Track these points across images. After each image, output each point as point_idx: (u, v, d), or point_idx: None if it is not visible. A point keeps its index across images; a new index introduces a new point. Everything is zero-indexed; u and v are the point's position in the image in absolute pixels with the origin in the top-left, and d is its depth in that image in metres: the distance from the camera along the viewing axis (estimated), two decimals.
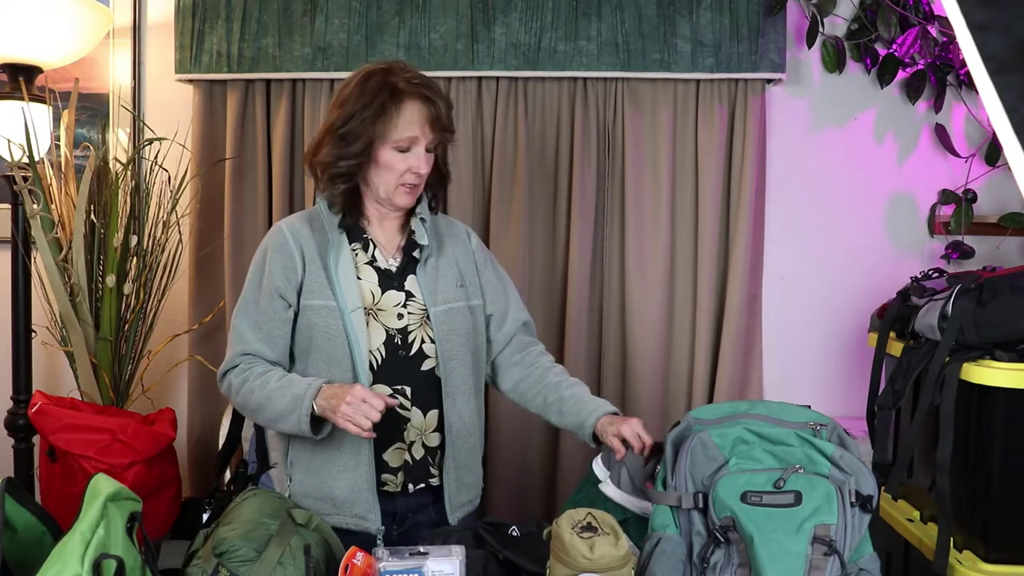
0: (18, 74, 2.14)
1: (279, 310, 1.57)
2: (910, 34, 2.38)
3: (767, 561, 1.19)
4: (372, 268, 1.60)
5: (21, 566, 1.14)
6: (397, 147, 1.55)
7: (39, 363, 2.40)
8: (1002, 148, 1.40)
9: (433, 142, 1.57)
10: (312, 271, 1.56)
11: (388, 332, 1.56)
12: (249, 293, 1.60)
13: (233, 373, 1.58)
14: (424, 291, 1.60)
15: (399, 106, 1.53)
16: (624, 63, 2.38)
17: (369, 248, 1.61)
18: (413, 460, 1.59)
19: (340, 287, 1.54)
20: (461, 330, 1.62)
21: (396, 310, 1.58)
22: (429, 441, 1.60)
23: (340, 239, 1.58)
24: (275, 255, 1.58)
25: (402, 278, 1.61)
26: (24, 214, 2.17)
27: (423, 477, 1.60)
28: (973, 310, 1.59)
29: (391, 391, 1.56)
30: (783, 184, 2.53)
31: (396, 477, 1.58)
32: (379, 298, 1.58)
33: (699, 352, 2.45)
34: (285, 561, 1.24)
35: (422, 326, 1.59)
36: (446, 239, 1.68)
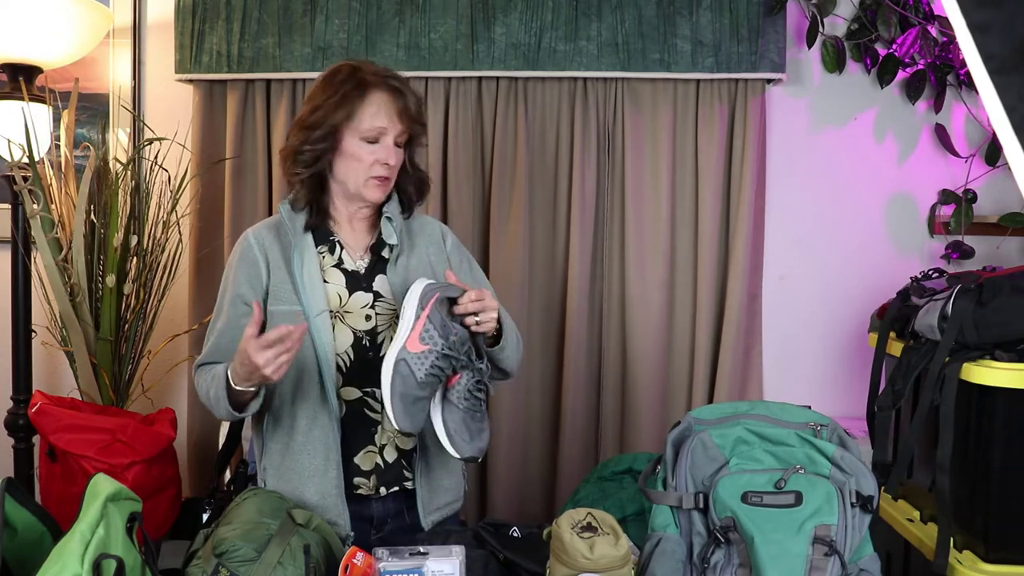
0: (18, 74, 2.14)
1: (239, 316, 1.54)
2: (910, 34, 2.38)
3: (767, 561, 1.19)
4: (339, 270, 1.57)
5: (21, 566, 1.14)
6: (365, 138, 1.53)
7: (39, 363, 2.40)
8: (1002, 148, 1.40)
9: (402, 134, 1.55)
10: (277, 276, 1.55)
11: (356, 334, 1.54)
12: (220, 300, 1.60)
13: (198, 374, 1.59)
14: (395, 291, 1.57)
15: (365, 96, 1.52)
16: (624, 63, 2.38)
17: (336, 250, 1.58)
18: (385, 463, 1.56)
19: (305, 291, 1.52)
20: None
21: (364, 311, 1.55)
22: (403, 444, 1.57)
23: (304, 242, 1.56)
24: (240, 263, 1.58)
25: (370, 279, 1.58)
26: (24, 214, 2.17)
27: (396, 480, 1.57)
28: (973, 310, 1.59)
29: (360, 393, 1.54)
30: (783, 184, 2.53)
31: (369, 480, 1.56)
32: (346, 300, 1.55)
33: (699, 352, 2.45)
34: (285, 561, 1.24)
35: (391, 327, 1.55)
36: (417, 237, 1.64)
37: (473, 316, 1.42)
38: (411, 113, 1.55)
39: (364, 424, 1.55)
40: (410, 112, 1.54)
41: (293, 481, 1.55)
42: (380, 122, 1.52)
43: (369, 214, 1.62)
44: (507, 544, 1.41)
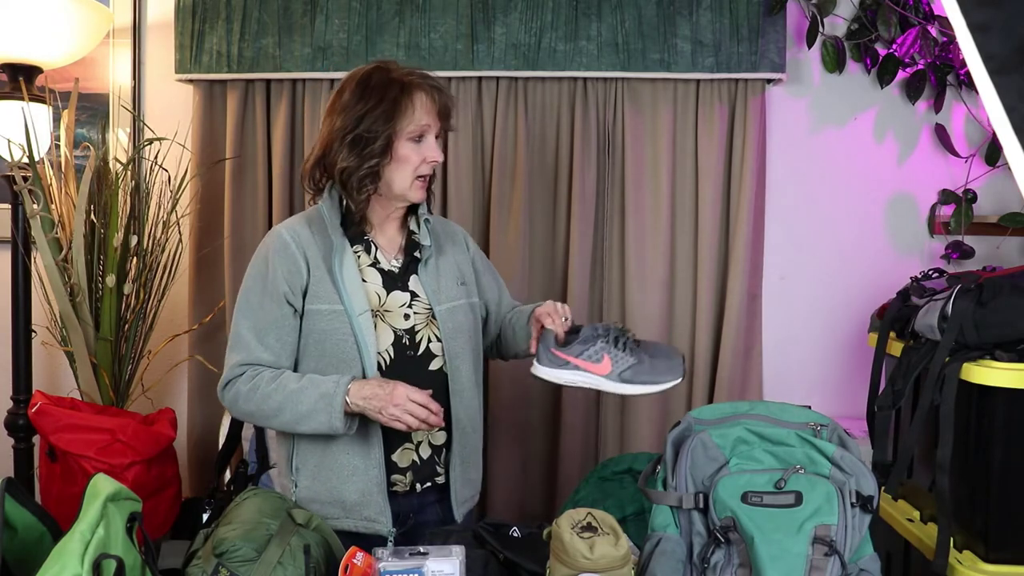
0: (18, 74, 2.14)
1: (287, 316, 1.55)
2: (910, 34, 2.38)
3: (767, 561, 1.19)
4: (376, 270, 1.60)
5: (21, 566, 1.14)
6: (411, 138, 1.55)
7: (39, 363, 2.40)
8: (1002, 148, 1.40)
9: (440, 131, 1.60)
10: (317, 275, 1.55)
11: (396, 333, 1.57)
12: (251, 298, 1.56)
13: (240, 382, 1.55)
14: (428, 290, 1.61)
15: (411, 98, 1.55)
16: (624, 63, 2.38)
17: (371, 250, 1.61)
18: (421, 460, 1.60)
19: (346, 291, 1.53)
20: (464, 327, 1.64)
21: (402, 310, 1.58)
22: (435, 440, 1.61)
23: (343, 242, 1.57)
24: (278, 260, 1.56)
25: (405, 278, 1.61)
26: (24, 214, 2.17)
27: (430, 476, 1.61)
28: (973, 310, 1.59)
29: None
30: (783, 184, 2.53)
31: (405, 477, 1.59)
32: (385, 299, 1.58)
33: (699, 352, 2.45)
34: (285, 561, 1.25)
35: (428, 325, 1.60)
36: (443, 239, 1.69)
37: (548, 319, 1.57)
38: (448, 111, 1.60)
39: None
40: (448, 109, 1.60)
41: (332, 480, 1.56)
42: (425, 120, 1.56)
43: (401, 215, 1.64)
44: (507, 544, 1.41)
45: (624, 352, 1.53)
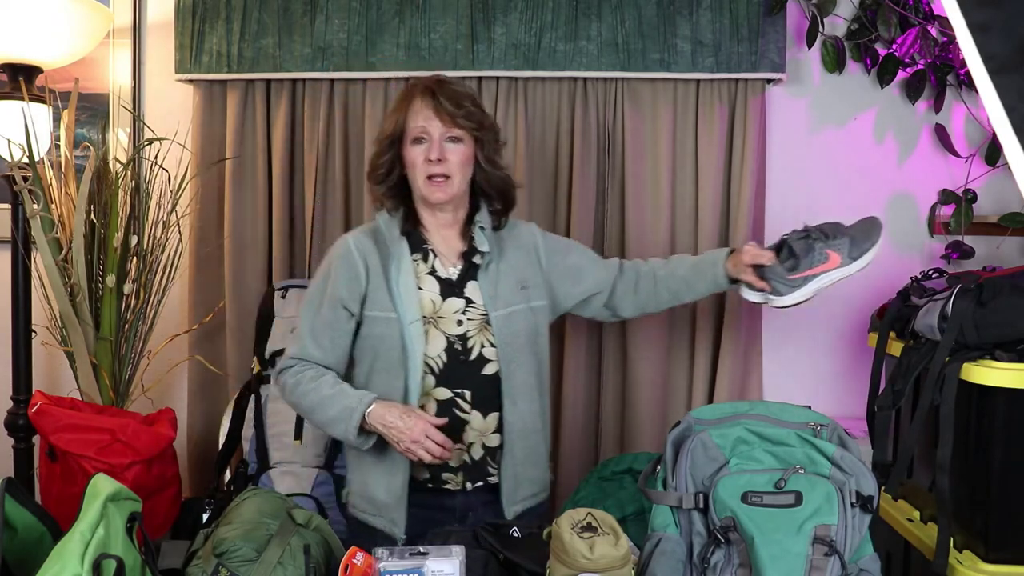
0: (18, 74, 2.14)
1: (341, 320, 1.65)
2: (910, 34, 2.38)
3: (768, 561, 1.19)
4: (433, 278, 1.67)
5: (21, 566, 1.14)
6: (412, 140, 1.64)
7: (39, 363, 2.40)
8: (1002, 148, 1.40)
9: (448, 131, 1.63)
10: (375, 284, 1.64)
11: (448, 339, 1.63)
12: (313, 298, 1.68)
13: (287, 374, 1.67)
14: (485, 296, 1.66)
15: (409, 102, 1.65)
16: (624, 63, 2.38)
17: (429, 258, 1.68)
18: (472, 460, 1.66)
19: (400, 299, 1.61)
20: (522, 332, 1.68)
21: (456, 317, 1.65)
22: (489, 442, 1.67)
23: (401, 250, 1.65)
24: (340, 267, 1.66)
25: (462, 285, 1.67)
26: (24, 214, 2.17)
27: (481, 476, 1.67)
28: (973, 310, 1.59)
29: (452, 394, 1.64)
30: (783, 184, 2.53)
31: (457, 476, 1.65)
32: (440, 306, 1.65)
33: (699, 352, 2.45)
34: (285, 561, 1.25)
35: (481, 331, 1.65)
36: (507, 244, 1.74)
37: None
38: (448, 109, 1.62)
39: (455, 423, 1.63)
40: (446, 108, 1.62)
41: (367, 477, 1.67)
42: (419, 121, 1.63)
43: (452, 221, 1.71)
44: (507, 544, 1.41)
45: (835, 239, 1.69)
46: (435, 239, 1.70)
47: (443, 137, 1.63)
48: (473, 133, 1.66)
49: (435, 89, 1.63)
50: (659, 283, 1.82)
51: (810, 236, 1.70)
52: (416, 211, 1.70)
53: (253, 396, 2.24)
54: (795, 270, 1.67)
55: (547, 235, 1.83)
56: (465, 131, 1.64)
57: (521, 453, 1.68)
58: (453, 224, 1.71)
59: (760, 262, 1.69)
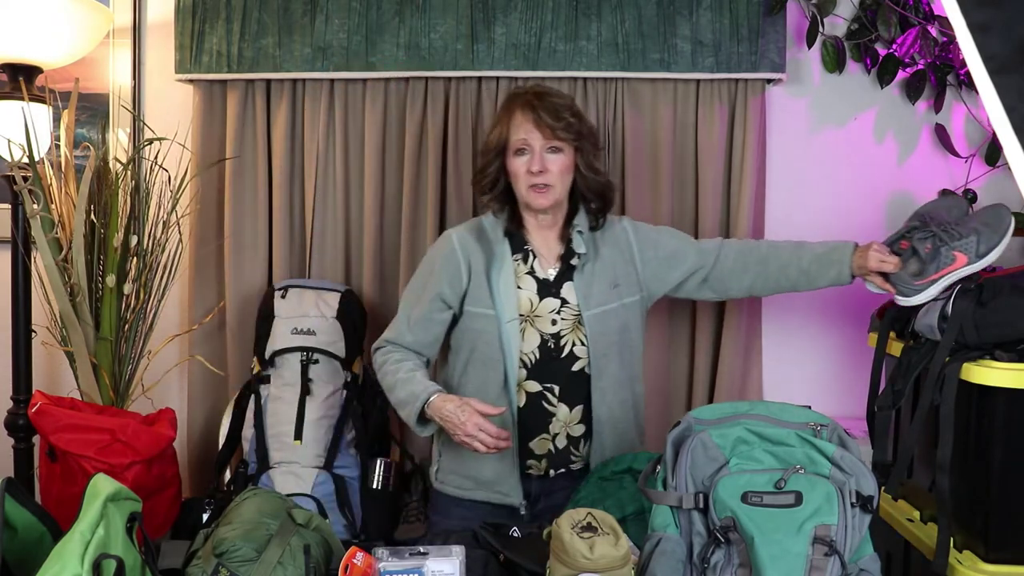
0: (18, 74, 2.14)
1: (436, 311, 1.78)
2: (910, 34, 2.38)
3: (767, 561, 1.19)
4: (532, 277, 1.78)
5: (21, 566, 1.14)
6: (515, 151, 1.75)
7: (39, 363, 2.40)
8: (1002, 148, 1.40)
9: (548, 142, 1.73)
10: (476, 282, 1.76)
11: (543, 337, 1.75)
12: (414, 288, 1.83)
13: (379, 353, 1.83)
14: (579, 296, 1.76)
15: (511, 115, 1.76)
16: (624, 63, 2.38)
17: (529, 259, 1.79)
18: (556, 449, 1.78)
19: (500, 298, 1.73)
20: (613, 329, 1.79)
21: (551, 316, 1.76)
22: (573, 432, 1.79)
23: (504, 251, 1.77)
24: (443, 265, 1.79)
25: (559, 286, 1.78)
26: (24, 214, 2.17)
27: (564, 463, 1.80)
28: (973, 310, 1.59)
29: (541, 388, 1.76)
30: (783, 184, 2.53)
31: (540, 463, 1.79)
32: (536, 306, 1.76)
33: (699, 352, 2.45)
34: (285, 561, 1.25)
35: (574, 330, 1.77)
36: (603, 245, 1.83)
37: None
38: (547, 122, 1.71)
39: (541, 414, 1.76)
40: (546, 121, 1.71)
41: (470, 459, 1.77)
42: (520, 134, 1.74)
43: (553, 224, 1.82)
44: (507, 544, 1.41)
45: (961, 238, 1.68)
46: (536, 241, 1.81)
47: (544, 148, 1.73)
48: (572, 144, 1.76)
49: (535, 103, 1.73)
50: (773, 267, 1.88)
51: (935, 235, 1.70)
52: (519, 214, 1.81)
53: (253, 396, 2.24)
54: (921, 275, 1.69)
55: (639, 228, 1.91)
56: (564, 142, 1.74)
57: (610, 441, 1.79)
58: (553, 226, 1.82)
59: (885, 270, 1.74)
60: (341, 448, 2.19)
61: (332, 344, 2.23)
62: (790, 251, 1.88)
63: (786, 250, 1.89)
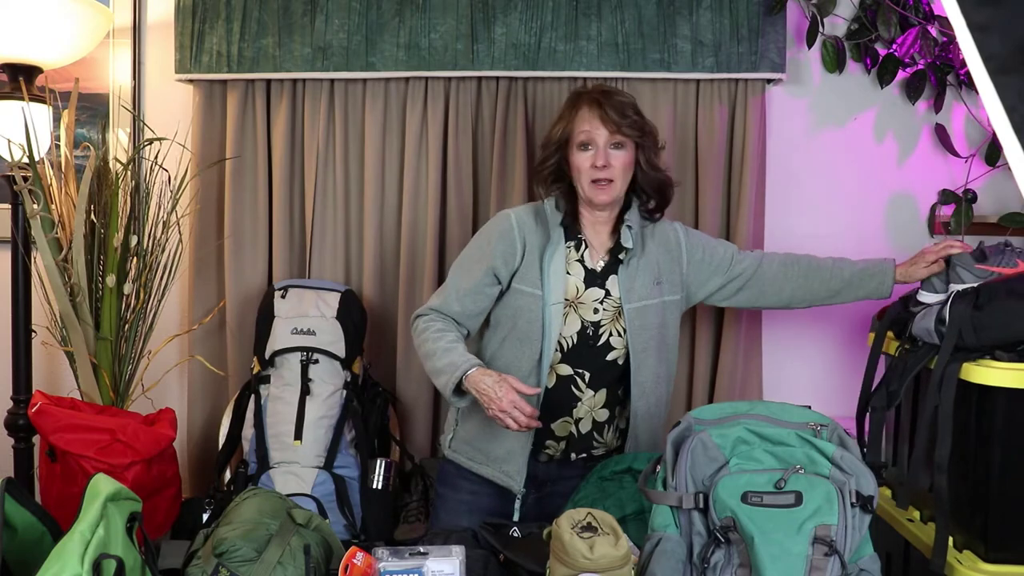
0: (18, 74, 2.14)
1: (486, 284, 1.81)
2: (910, 34, 2.38)
3: (768, 561, 1.19)
4: (581, 265, 1.82)
5: (21, 566, 1.14)
6: (578, 146, 1.78)
7: (39, 363, 2.40)
8: (1002, 148, 1.40)
9: (612, 138, 1.77)
10: (529, 261, 1.79)
11: (583, 323, 1.79)
12: (467, 260, 1.85)
13: (422, 320, 1.83)
14: (622, 289, 1.80)
15: (576, 110, 1.79)
16: (624, 63, 2.38)
17: (581, 247, 1.83)
18: (579, 433, 1.82)
19: (549, 281, 1.77)
20: (652, 325, 1.82)
21: (594, 305, 1.80)
22: (598, 416, 1.83)
23: (559, 237, 1.80)
24: (500, 239, 1.81)
25: (605, 277, 1.82)
26: (24, 214, 2.17)
27: (586, 448, 1.84)
28: (971, 314, 1.59)
29: (572, 372, 1.80)
30: (783, 184, 2.53)
31: (559, 444, 1.82)
32: (582, 292, 1.80)
33: (699, 352, 2.45)
34: (285, 561, 1.25)
35: (614, 321, 1.81)
36: (651, 242, 1.87)
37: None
38: (613, 118, 1.75)
39: (568, 398, 1.80)
40: (611, 117, 1.75)
41: (488, 432, 1.81)
42: (584, 127, 1.78)
43: (607, 219, 1.85)
44: (507, 544, 1.41)
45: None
46: (589, 232, 1.85)
47: (608, 144, 1.77)
48: (636, 140, 1.79)
49: (601, 99, 1.77)
50: (815, 278, 1.93)
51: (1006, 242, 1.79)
52: (576, 208, 1.84)
53: (253, 396, 2.24)
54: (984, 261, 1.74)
55: (691, 232, 1.96)
56: (628, 138, 1.78)
57: (644, 435, 1.82)
58: (608, 221, 1.85)
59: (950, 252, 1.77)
60: (341, 448, 2.19)
61: (332, 344, 2.23)
62: (831, 264, 1.95)
63: (827, 263, 1.95)
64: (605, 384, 1.82)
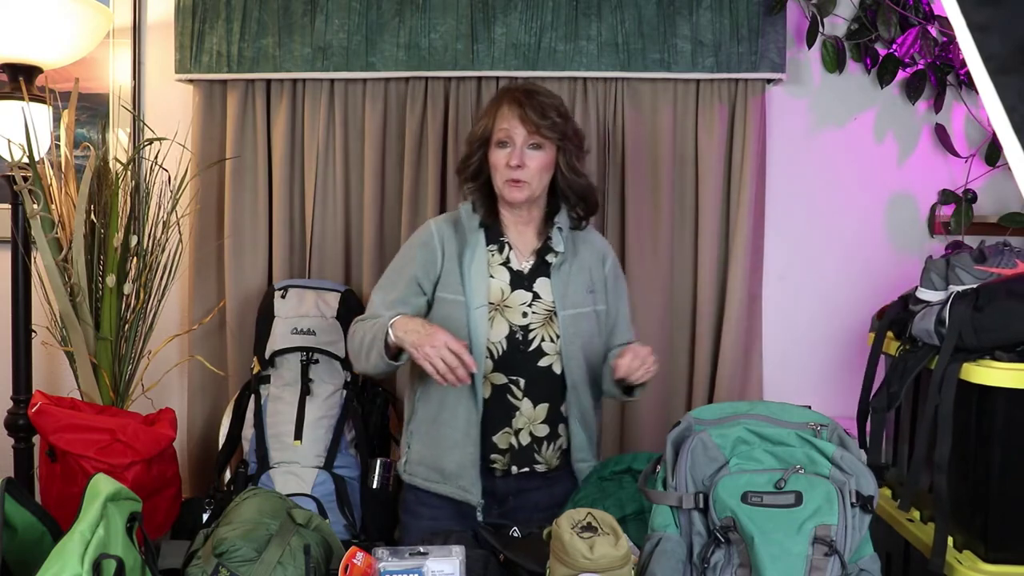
0: (18, 74, 2.14)
1: (411, 295, 1.76)
2: (910, 34, 2.38)
3: (768, 561, 1.19)
4: (505, 268, 1.77)
5: (21, 566, 1.14)
6: (496, 142, 1.74)
7: (39, 363, 2.40)
8: (1002, 148, 1.40)
9: (528, 139, 1.72)
10: (448, 268, 1.75)
11: (511, 328, 1.74)
12: (391, 275, 1.81)
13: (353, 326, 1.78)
14: (556, 294, 1.76)
15: (498, 108, 1.76)
16: (624, 63, 2.38)
17: (504, 250, 1.78)
18: (519, 445, 1.75)
19: (470, 285, 1.72)
20: (585, 332, 1.77)
21: (522, 308, 1.75)
22: (537, 431, 1.76)
23: (477, 239, 1.76)
24: (421, 249, 1.78)
25: (532, 280, 1.77)
26: (24, 214, 2.17)
27: (528, 462, 1.76)
28: (971, 315, 1.59)
29: (507, 380, 1.74)
30: (783, 184, 2.53)
31: (503, 458, 1.75)
32: (507, 295, 1.75)
33: (699, 352, 2.45)
34: (285, 561, 1.25)
35: (545, 325, 1.75)
36: (582, 248, 1.83)
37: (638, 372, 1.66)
38: (532, 118, 1.71)
39: (505, 408, 1.74)
40: (530, 117, 1.71)
41: (436, 449, 1.76)
42: (503, 125, 1.74)
43: (528, 219, 1.80)
44: (507, 544, 1.41)
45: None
46: (512, 234, 1.80)
47: (525, 143, 1.72)
48: (555, 143, 1.75)
49: (523, 98, 1.73)
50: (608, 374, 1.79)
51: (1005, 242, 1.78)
52: (498, 207, 1.80)
53: (253, 396, 2.24)
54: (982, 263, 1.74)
55: (619, 267, 1.91)
56: (548, 140, 1.74)
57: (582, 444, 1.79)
58: (529, 222, 1.81)
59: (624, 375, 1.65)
60: (341, 448, 2.19)
61: (332, 344, 2.23)
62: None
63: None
64: (545, 397, 1.75)
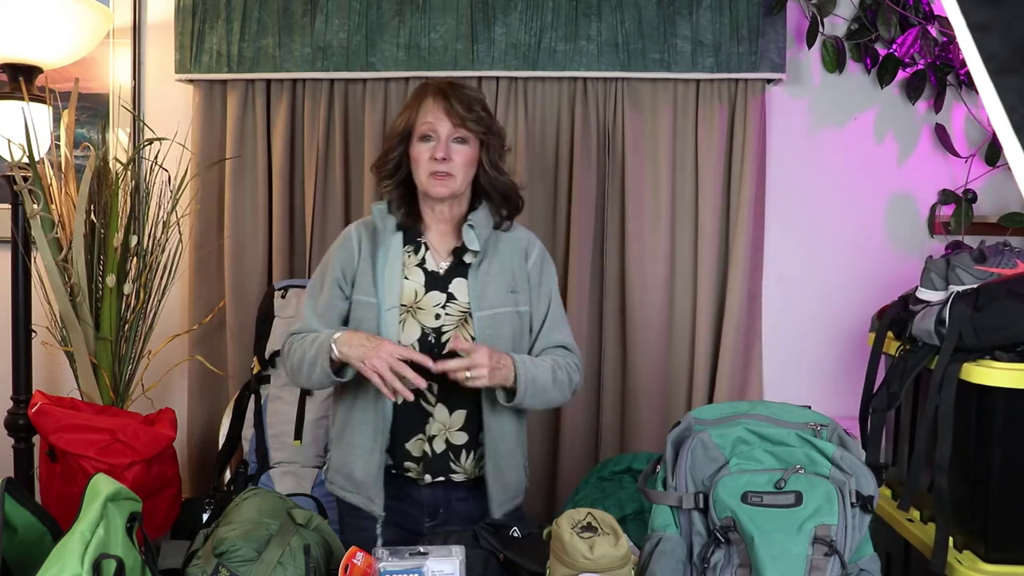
0: (18, 74, 2.14)
1: (336, 297, 1.71)
2: (910, 34, 2.38)
3: (768, 561, 1.19)
4: (420, 269, 1.70)
5: (21, 566, 1.14)
6: (419, 137, 1.68)
7: (39, 363, 2.40)
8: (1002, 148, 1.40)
9: (455, 132, 1.67)
10: (363, 269, 1.70)
11: (424, 330, 1.66)
12: (316, 281, 1.76)
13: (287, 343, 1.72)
14: (472, 295, 1.67)
15: (421, 101, 1.70)
16: (624, 63, 2.38)
17: (421, 250, 1.72)
18: (433, 453, 1.66)
19: (382, 286, 1.66)
20: (506, 335, 1.68)
21: (435, 310, 1.67)
22: (454, 439, 1.67)
23: (392, 240, 1.70)
24: (339, 251, 1.74)
25: (448, 281, 1.69)
26: (24, 214, 2.17)
27: (443, 471, 1.67)
28: (971, 315, 1.59)
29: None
30: (783, 184, 2.53)
31: (417, 466, 1.67)
32: (421, 297, 1.68)
33: (699, 352, 2.45)
34: (285, 561, 1.24)
35: (459, 327, 1.67)
36: (504, 247, 1.74)
37: (464, 372, 1.54)
38: (458, 111, 1.66)
39: (418, 414, 1.65)
40: (456, 110, 1.66)
41: (347, 456, 1.69)
42: (427, 118, 1.67)
43: (448, 216, 1.74)
44: (507, 544, 1.41)
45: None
46: (431, 234, 1.74)
47: (450, 137, 1.67)
48: (480, 136, 1.70)
49: (447, 91, 1.68)
50: None
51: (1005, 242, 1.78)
52: (417, 205, 1.74)
53: (253, 396, 2.24)
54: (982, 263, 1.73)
55: (547, 260, 1.80)
56: (472, 134, 1.69)
57: (500, 454, 1.67)
58: (449, 220, 1.74)
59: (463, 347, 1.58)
60: None
61: None
62: None
63: None
64: (461, 403, 1.65)
